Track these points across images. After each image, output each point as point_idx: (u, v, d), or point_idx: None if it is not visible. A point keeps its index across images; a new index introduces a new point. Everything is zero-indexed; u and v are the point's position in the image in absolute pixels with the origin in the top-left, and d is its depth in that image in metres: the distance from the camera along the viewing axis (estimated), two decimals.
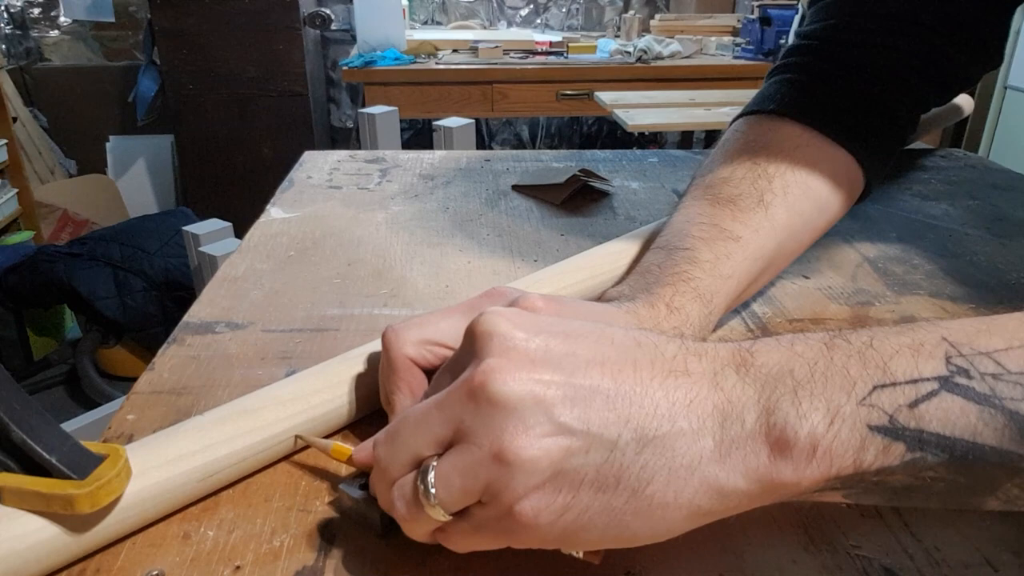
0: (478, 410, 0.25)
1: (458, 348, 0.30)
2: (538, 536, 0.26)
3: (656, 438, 0.25)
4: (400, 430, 0.28)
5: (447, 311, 0.36)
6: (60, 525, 0.28)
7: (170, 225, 2.07)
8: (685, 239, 0.43)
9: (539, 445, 0.24)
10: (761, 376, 0.26)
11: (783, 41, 2.41)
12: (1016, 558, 0.30)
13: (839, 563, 0.29)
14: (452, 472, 0.26)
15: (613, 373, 0.26)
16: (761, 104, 0.50)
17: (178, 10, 2.47)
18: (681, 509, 0.25)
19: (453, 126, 1.41)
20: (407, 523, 0.28)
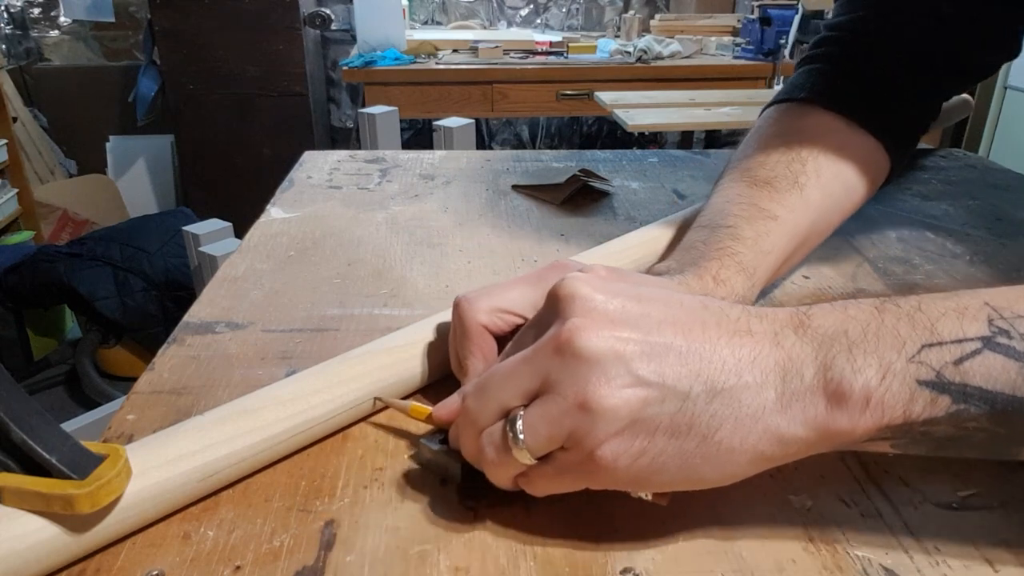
0: (564, 364, 0.28)
1: (539, 311, 0.32)
2: (615, 478, 0.29)
3: (724, 390, 0.28)
4: (489, 383, 0.30)
5: (515, 281, 0.39)
6: (60, 525, 0.28)
7: (170, 225, 2.07)
8: (727, 217, 0.45)
9: (619, 395, 0.27)
10: (818, 336, 0.29)
11: (783, 41, 2.41)
12: (1016, 558, 0.30)
13: (839, 563, 0.29)
14: (539, 420, 0.28)
15: (684, 332, 0.29)
16: (792, 93, 0.53)
17: (178, 10, 2.47)
18: (746, 454, 0.28)
19: (453, 126, 1.41)
20: (494, 468, 0.30)
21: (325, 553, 0.30)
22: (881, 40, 0.53)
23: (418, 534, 0.31)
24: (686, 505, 0.32)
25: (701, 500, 0.33)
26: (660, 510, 0.31)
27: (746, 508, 0.32)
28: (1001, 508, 0.32)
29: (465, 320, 0.37)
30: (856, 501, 0.33)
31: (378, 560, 0.30)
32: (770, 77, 2.47)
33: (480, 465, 0.31)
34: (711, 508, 0.32)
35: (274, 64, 2.56)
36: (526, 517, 0.32)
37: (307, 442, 0.36)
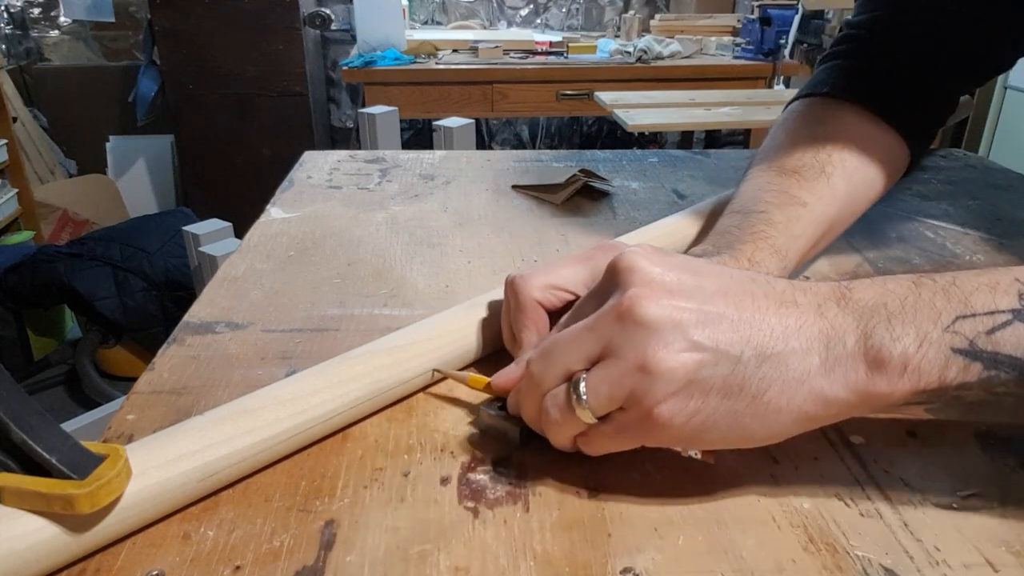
0: (625, 330, 0.30)
1: (597, 283, 0.35)
2: (670, 436, 0.31)
3: (773, 355, 0.30)
4: (553, 349, 0.33)
5: (565, 261, 0.41)
6: (60, 525, 0.28)
7: (170, 225, 2.07)
8: (759, 204, 0.48)
9: (677, 358, 0.30)
10: (859, 308, 0.31)
11: (783, 41, 2.41)
12: (1016, 558, 0.30)
13: (839, 563, 0.29)
14: (601, 382, 0.31)
15: (735, 302, 0.31)
16: (815, 88, 0.56)
17: (178, 10, 2.47)
18: (792, 414, 0.30)
19: (453, 126, 1.41)
20: (556, 428, 0.33)
21: (325, 553, 0.30)
22: (899, 38, 0.55)
23: (418, 534, 0.31)
24: (687, 505, 0.32)
25: (701, 499, 0.33)
26: (661, 513, 0.31)
27: (746, 508, 0.32)
28: (1001, 508, 0.32)
29: (520, 296, 0.40)
30: (856, 501, 0.33)
31: (378, 560, 0.30)
32: (770, 77, 2.47)
33: (541, 427, 0.34)
34: (711, 508, 0.32)
35: (274, 64, 2.56)
36: (526, 517, 0.32)
37: (307, 442, 0.36)
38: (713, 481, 0.34)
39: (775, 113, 2.00)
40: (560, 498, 0.33)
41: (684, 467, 0.35)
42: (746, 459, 0.35)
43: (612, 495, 0.33)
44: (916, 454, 0.36)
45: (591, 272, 0.40)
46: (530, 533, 0.31)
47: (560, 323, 0.38)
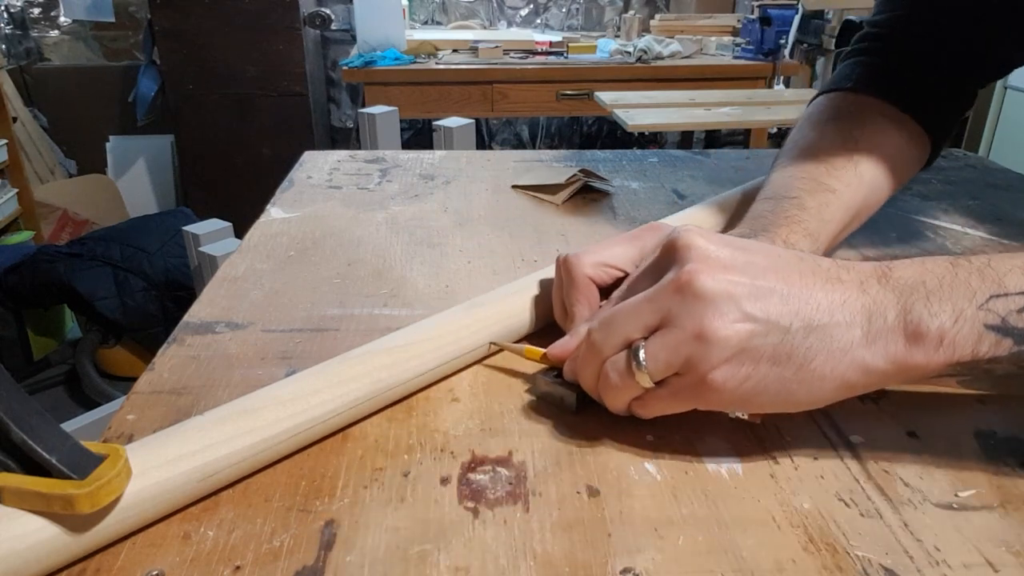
0: (683, 301, 0.33)
1: (652, 260, 0.37)
2: (721, 400, 0.33)
3: (819, 327, 0.32)
4: (614, 319, 0.35)
5: (615, 241, 0.44)
6: (60, 525, 0.28)
7: (170, 225, 2.07)
8: (791, 190, 0.50)
9: (731, 328, 0.32)
10: (899, 286, 0.33)
11: (783, 41, 2.41)
12: (1016, 558, 0.30)
13: (839, 563, 0.29)
14: (660, 348, 0.33)
15: (784, 278, 0.33)
16: (839, 83, 0.58)
17: (178, 10, 2.47)
18: (835, 381, 0.33)
19: (453, 126, 1.41)
20: (615, 392, 0.35)
21: (325, 553, 0.30)
22: (918, 35, 0.57)
23: (418, 534, 0.31)
24: (687, 505, 0.32)
25: (701, 499, 0.33)
26: (661, 513, 0.31)
27: (746, 508, 0.32)
28: (1001, 508, 0.32)
29: (573, 273, 0.42)
30: (856, 501, 0.33)
31: (378, 560, 0.30)
32: (770, 77, 2.47)
33: (598, 391, 0.36)
34: (711, 508, 0.32)
35: (274, 64, 2.56)
36: (526, 517, 0.32)
37: (307, 442, 0.36)
38: (713, 481, 0.34)
39: (775, 113, 2.00)
40: (560, 498, 0.33)
41: (684, 467, 0.35)
42: (746, 459, 0.35)
43: (612, 495, 0.33)
44: (916, 454, 0.36)
45: (639, 251, 0.43)
46: (530, 533, 0.31)
47: (614, 297, 0.41)
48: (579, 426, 0.38)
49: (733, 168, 0.81)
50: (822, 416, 0.39)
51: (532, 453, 0.36)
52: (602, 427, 0.37)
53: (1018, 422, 0.38)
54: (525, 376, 0.42)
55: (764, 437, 0.37)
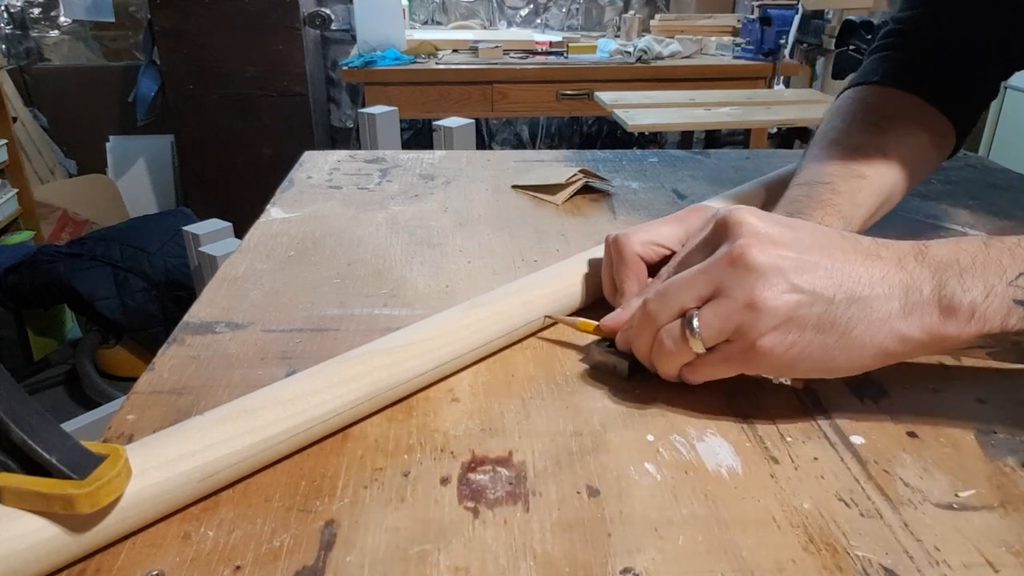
0: (736, 273, 0.35)
1: (703, 236, 0.40)
2: (768, 365, 0.36)
3: (860, 299, 0.35)
4: (669, 290, 0.38)
5: (661, 221, 0.47)
6: (60, 525, 0.28)
7: (170, 225, 2.07)
8: (824, 176, 0.52)
9: (780, 298, 0.35)
10: (934, 262, 0.36)
11: (783, 41, 2.41)
12: (1016, 558, 0.30)
13: (839, 563, 0.29)
14: (713, 317, 0.36)
15: (828, 253, 0.36)
16: (866, 77, 0.61)
17: (178, 10, 2.47)
18: (873, 348, 0.35)
19: (453, 126, 1.41)
20: (668, 358, 0.38)
21: (325, 553, 0.30)
22: (941, 32, 0.60)
23: (418, 534, 0.31)
24: (687, 505, 0.32)
25: (701, 499, 0.33)
26: (661, 513, 0.31)
27: (746, 508, 0.32)
28: (1001, 508, 0.32)
29: (624, 251, 0.46)
30: (856, 501, 0.33)
31: (378, 560, 0.30)
32: (770, 77, 2.47)
33: (651, 358, 0.39)
34: (711, 508, 0.32)
35: (274, 64, 2.56)
36: (526, 517, 0.32)
37: (307, 442, 0.36)
38: (713, 481, 0.34)
39: (775, 113, 2.00)
40: (560, 498, 0.33)
41: (684, 467, 0.35)
42: (746, 459, 0.35)
43: (612, 495, 0.33)
44: (916, 454, 0.36)
45: (684, 230, 0.46)
46: (530, 533, 0.31)
47: (664, 271, 0.43)
48: (579, 426, 0.38)
49: (733, 168, 0.81)
50: (822, 416, 0.39)
51: (532, 453, 0.36)
52: (602, 427, 0.37)
53: (1018, 422, 0.38)
54: (525, 376, 0.42)
55: (764, 437, 0.37)
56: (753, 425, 0.38)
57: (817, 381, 0.41)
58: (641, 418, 0.38)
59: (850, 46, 2.30)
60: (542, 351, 0.45)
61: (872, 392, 0.41)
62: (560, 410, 0.39)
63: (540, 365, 0.43)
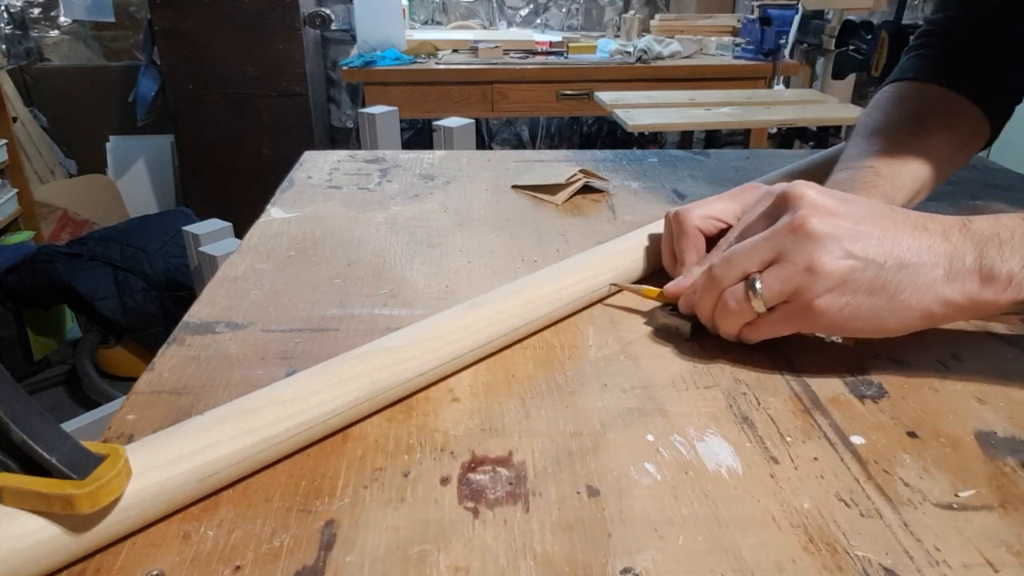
0: (796, 240, 0.39)
1: (765, 208, 0.43)
2: (823, 323, 0.40)
3: (908, 265, 0.38)
4: (733, 256, 0.42)
5: (719, 197, 0.51)
6: (60, 525, 0.28)
7: (170, 225, 2.07)
8: (866, 161, 0.56)
9: (836, 263, 0.38)
10: (976, 235, 0.39)
11: (783, 41, 2.41)
12: (1016, 558, 0.30)
13: (839, 563, 0.29)
14: (775, 279, 0.40)
15: (880, 224, 0.39)
16: (903, 74, 0.65)
17: (178, 10, 2.47)
18: (919, 311, 0.39)
19: (453, 126, 1.41)
20: (731, 317, 0.42)
21: (325, 553, 0.30)
22: (972, 32, 0.64)
23: (418, 534, 0.31)
24: (687, 505, 0.32)
25: (701, 499, 0.33)
26: (661, 513, 0.31)
27: (746, 508, 0.32)
28: (1001, 508, 0.32)
29: (684, 224, 0.50)
30: (856, 501, 0.33)
31: (378, 560, 0.30)
32: (770, 77, 2.47)
33: (714, 319, 0.44)
34: (711, 508, 0.32)
35: (274, 64, 2.56)
36: (526, 517, 0.32)
37: (307, 442, 0.36)
38: (713, 481, 0.34)
39: (775, 113, 2.00)
40: (560, 498, 0.33)
41: (684, 467, 0.35)
42: (746, 459, 0.35)
43: (612, 495, 0.33)
44: (916, 454, 0.36)
45: (740, 206, 0.50)
46: (530, 533, 0.31)
47: (724, 241, 0.47)
48: (579, 426, 0.38)
49: (733, 168, 0.81)
50: (822, 416, 0.39)
51: (532, 453, 0.36)
52: (602, 427, 0.37)
53: (1018, 422, 0.38)
54: (525, 376, 0.42)
55: (764, 437, 0.37)
56: (753, 425, 0.38)
57: (816, 381, 0.41)
58: (641, 418, 0.38)
59: (850, 46, 2.30)
60: (542, 351, 0.45)
61: (872, 392, 0.41)
62: (560, 410, 0.39)
63: (540, 365, 0.43)
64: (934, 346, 0.45)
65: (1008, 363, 0.44)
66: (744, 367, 0.43)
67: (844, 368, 0.43)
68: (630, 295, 0.51)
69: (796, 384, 0.41)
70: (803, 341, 0.45)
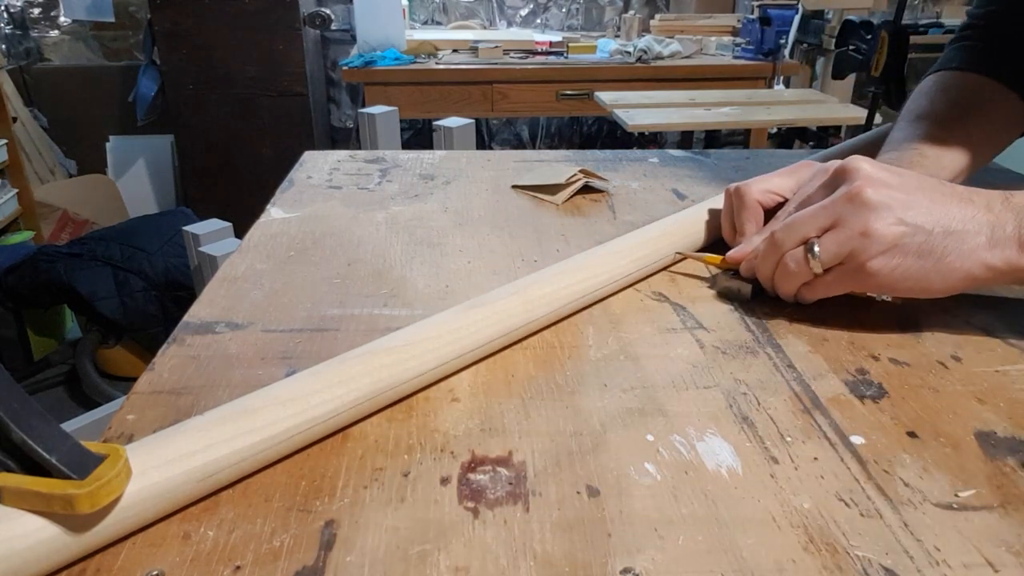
0: (853, 208, 0.43)
1: (823, 180, 0.48)
2: (874, 283, 0.44)
3: (954, 232, 0.43)
4: (795, 222, 0.46)
5: (776, 174, 0.55)
6: (60, 525, 0.28)
7: (170, 225, 2.07)
8: (912, 142, 0.60)
9: (888, 228, 0.42)
10: (1017, 207, 0.43)
11: (783, 41, 2.41)
12: (1016, 558, 0.30)
13: (839, 563, 0.29)
14: (832, 243, 0.44)
15: (929, 196, 0.43)
16: (946, 64, 0.69)
17: (178, 10, 2.47)
18: (962, 273, 0.43)
19: (453, 126, 1.41)
20: (791, 278, 0.47)
21: (325, 553, 0.30)
22: (1013, 25, 0.67)
23: (418, 534, 0.31)
24: (687, 505, 0.32)
25: (701, 499, 0.33)
26: (661, 513, 0.31)
27: (746, 508, 0.32)
28: (1001, 508, 0.32)
29: (744, 197, 0.54)
30: (856, 501, 0.33)
31: (378, 560, 0.30)
32: (770, 77, 2.47)
33: (774, 280, 0.48)
34: (711, 508, 0.32)
35: (274, 64, 2.56)
36: (526, 517, 0.32)
37: (307, 442, 0.36)
38: (713, 481, 0.34)
39: (775, 113, 2.00)
40: (560, 498, 0.33)
41: (684, 467, 0.35)
42: (746, 459, 0.35)
43: (612, 495, 0.33)
44: (916, 454, 0.36)
45: (796, 181, 0.54)
46: (530, 533, 0.31)
47: (783, 212, 0.52)
48: (579, 426, 0.38)
49: (733, 168, 0.81)
50: (822, 416, 0.39)
51: (532, 453, 0.36)
52: (602, 427, 0.37)
53: (1018, 422, 0.38)
54: (525, 376, 0.42)
55: (764, 437, 0.37)
56: (753, 425, 0.38)
57: (816, 381, 0.41)
58: (641, 418, 0.38)
59: (850, 46, 2.30)
60: (542, 351, 0.45)
61: (872, 392, 0.41)
62: (560, 410, 0.39)
63: (540, 365, 0.43)
64: (934, 346, 0.45)
65: (1008, 363, 0.44)
66: (744, 367, 0.43)
67: (844, 368, 0.43)
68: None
69: (796, 384, 0.41)
70: (799, 339, 0.45)
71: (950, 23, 3.14)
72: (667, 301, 0.51)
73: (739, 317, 0.49)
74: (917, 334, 0.47)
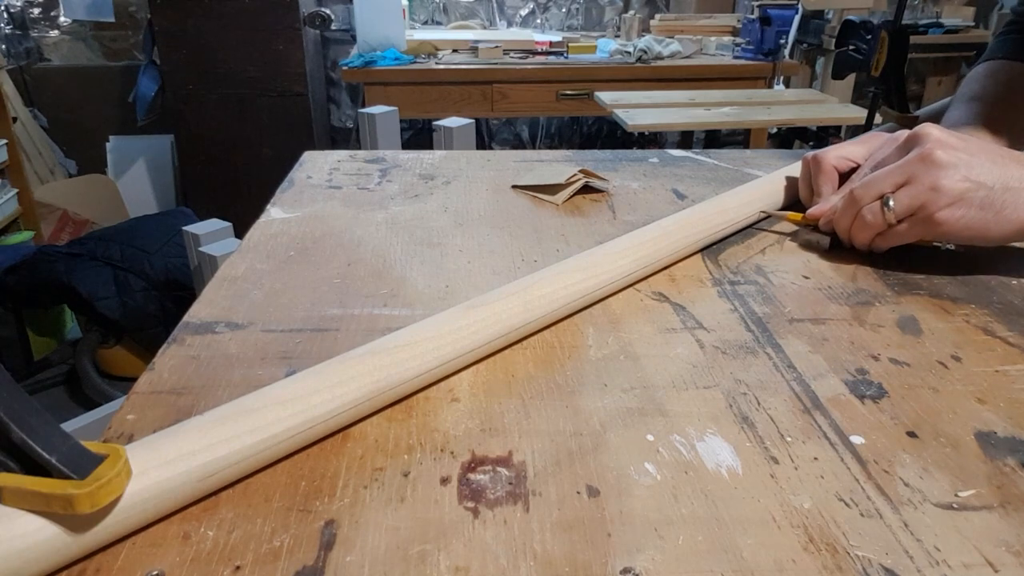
0: (925, 167, 0.50)
1: (897, 145, 0.55)
2: (941, 232, 0.51)
3: (1012, 188, 0.50)
4: (872, 180, 0.53)
5: (850, 142, 0.62)
6: (60, 525, 0.28)
7: (170, 225, 2.07)
8: (968, 120, 0.70)
9: (955, 184, 0.49)
10: None
11: (783, 41, 2.41)
12: (1016, 558, 0.30)
13: (839, 563, 0.29)
14: (905, 196, 0.51)
15: (991, 157, 0.50)
16: (992, 53, 0.80)
17: (178, 10, 2.47)
18: (1019, 223, 0.50)
19: (453, 126, 1.41)
20: (867, 228, 0.54)
21: (325, 553, 0.30)
22: None
23: (418, 534, 0.31)
24: (687, 505, 0.32)
25: (701, 499, 0.33)
26: (661, 513, 0.31)
27: (746, 508, 0.32)
28: (1001, 508, 0.32)
29: (822, 163, 0.61)
30: (856, 501, 0.33)
31: (378, 560, 0.30)
32: (770, 77, 2.47)
33: (851, 231, 0.55)
34: (711, 508, 0.32)
35: (274, 64, 2.56)
36: (526, 517, 0.32)
37: (307, 442, 0.36)
38: (713, 481, 0.34)
39: (775, 113, 2.00)
40: (560, 498, 0.33)
41: (684, 467, 0.35)
42: (746, 459, 0.35)
43: (612, 495, 0.33)
44: (916, 454, 0.36)
45: (868, 149, 0.61)
46: (530, 533, 0.31)
47: (858, 174, 0.58)
48: (579, 426, 0.38)
49: (733, 168, 0.81)
50: (822, 416, 0.39)
51: (532, 453, 0.36)
52: (602, 427, 0.38)
53: (1018, 422, 0.38)
54: (525, 376, 0.42)
55: (764, 437, 0.37)
56: (753, 425, 0.38)
57: (816, 381, 0.41)
58: (641, 418, 0.38)
59: (850, 46, 2.30)
60: (542, 351, 0.45)
61: (872, 392, 0.41)
62: (560, 410, 0.39)
63: (540, 365, 0.43)
64: (934, 346, 0.45)
65: (1008, 363, 0.44)
66: (744, 367, 0.43)
67: (844, 368, 0.43)
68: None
69: (796, 384, 0.41)
70: (799, 339, 0.45)
71: (950, 23, 3.14)
72: (667, 301, 0.51)
73: (739, 317, 0.49)
74: (917, 334, 0.47)
